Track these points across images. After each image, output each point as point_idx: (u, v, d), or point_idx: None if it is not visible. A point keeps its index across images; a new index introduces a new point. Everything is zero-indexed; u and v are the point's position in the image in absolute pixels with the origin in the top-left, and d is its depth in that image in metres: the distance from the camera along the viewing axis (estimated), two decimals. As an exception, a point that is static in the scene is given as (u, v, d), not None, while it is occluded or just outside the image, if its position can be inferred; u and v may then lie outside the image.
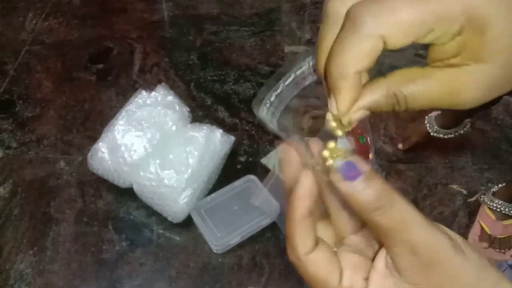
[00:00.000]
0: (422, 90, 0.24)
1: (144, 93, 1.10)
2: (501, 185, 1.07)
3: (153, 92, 1.10)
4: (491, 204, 1.05)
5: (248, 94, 1.38)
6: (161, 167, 1.01)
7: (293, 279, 0.97)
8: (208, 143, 1.03)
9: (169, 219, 1.02)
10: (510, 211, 1.04)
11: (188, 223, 1.04)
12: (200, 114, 1.31)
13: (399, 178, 1.20)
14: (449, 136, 1.16)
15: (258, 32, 1.60)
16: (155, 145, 1.03)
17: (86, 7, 1.70)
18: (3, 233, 1.04)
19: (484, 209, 1.08)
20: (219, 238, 1.00)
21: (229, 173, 1.12)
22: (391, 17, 0.22)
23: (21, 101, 1.35)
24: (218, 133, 1.06)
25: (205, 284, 0.97)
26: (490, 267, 0.23)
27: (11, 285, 0.96)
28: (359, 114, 0.24)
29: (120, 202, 1.10)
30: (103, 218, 1.07)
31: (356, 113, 0.24)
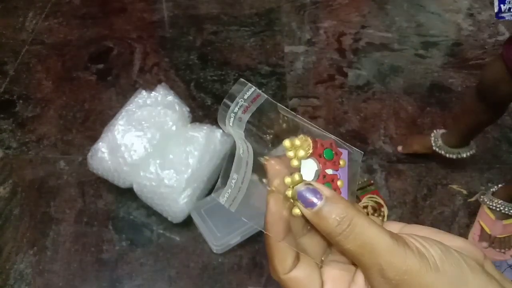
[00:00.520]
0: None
1: (144, 93, 1.10)
2: (501, 185, 1.07)
3: (153, 92, 1.10)
4: (491, 204, 1.05)
5: (248, 94, 1.38)
6: (161, 167, 1.01)
7: (293, 279, 0.97)
8: (208, 143, 1.03)
9: (169, 219, 1.02)
10: (510, 211, 1.04)
11: (188, 223, 1.04)
12: (200, 114, 1.31)
13: (399, 178, 1.20)
14: (451, 156, 1.15)
15: (258, 32, 1.60)
16: (155, 145, 1.03)
17: (86, 7, 1.70)
18: (3, 233, 1.04)
19: (484, 209, 1.08)
20: (219, 238, 1.00)
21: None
22: None
23: (21, 101, 1.35)
24: (218, 133, 1.05)
25: (205, 284, 0.97)
26: (481, 272, 0.22)
27: (11, 285, 0.96)
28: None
29: (120, 202, 1.10)
30: (103, 218, 1.07)
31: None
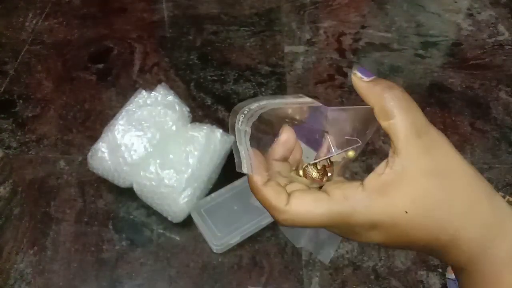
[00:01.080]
0: None
1: (144, 93, 1.10)
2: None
3: (153, 92, 1.10)
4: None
5: (248, 94, 1.38)
6: (161, 167, 1.01)
7: (293, 279, 0.97)
8: (208, 143, 1.03)
9: (169, 219, 1.02)
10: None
11: (188, 223, 1.04)
12: (200, 114, 1.31)
13: (399, 178, 1.20)
14: None
15: (258, 32, 1.60)
16: (155, 145, 1.03)
17: (86, 7, 1.70)
18: (3, 233, 1.04)
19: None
20: (219, 238, 1.00)
21: (229, 173, 1.12)
22: None
23: (21, 101, 1.35)
24: (218, 133, 1.05)
25: (205, 283, 0.97)
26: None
27: (11, 285, 0.96)
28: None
29: (120, 202, 1.10)
30: (103, 218, 1.07)
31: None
